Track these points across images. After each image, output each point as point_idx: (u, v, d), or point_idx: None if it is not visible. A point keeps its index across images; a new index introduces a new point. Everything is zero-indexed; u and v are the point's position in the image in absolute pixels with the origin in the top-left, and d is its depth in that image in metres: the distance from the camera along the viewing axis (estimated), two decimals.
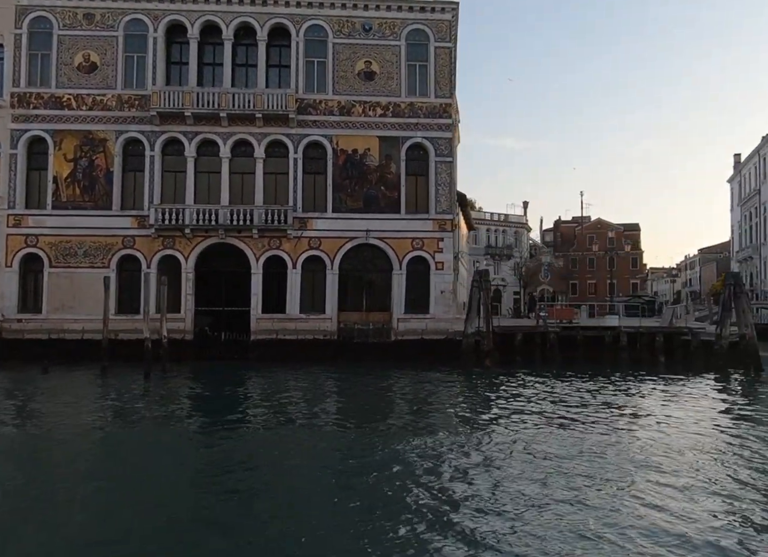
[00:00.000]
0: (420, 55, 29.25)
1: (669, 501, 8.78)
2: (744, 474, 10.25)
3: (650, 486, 9.52)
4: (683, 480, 9.83)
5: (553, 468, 10.51)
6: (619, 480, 9.79)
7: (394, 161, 28.85)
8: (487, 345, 25.50)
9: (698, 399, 18.71)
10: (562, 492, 9.16)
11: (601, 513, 8.32)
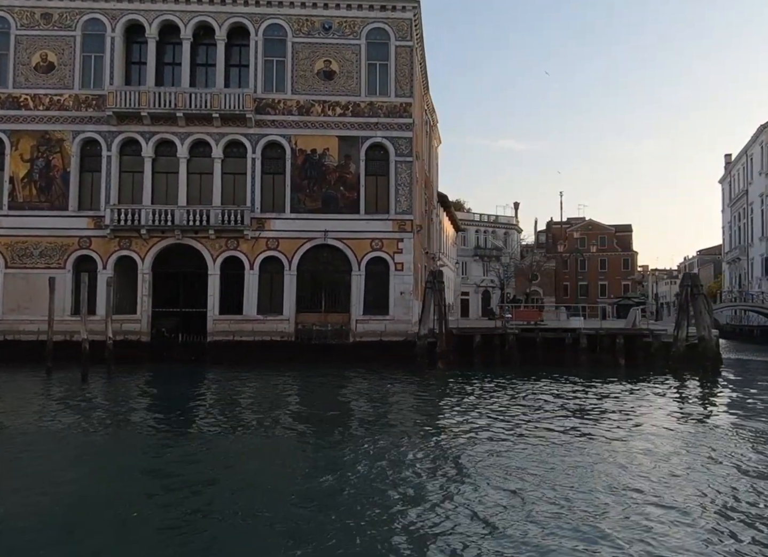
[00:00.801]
0: (380, 54, 28.98)
1: (626, 503, 8.69)
2: (700, 473, 10.29)
3: (604, 487, 9.40)
4: (642, 483, 9.61)
5: (491, 471, 10.34)
6: (570, 484, 9.55)
7: (353, 161, 28.59)
8: (440, 346, 25.19)
9: (650, 401, 18.30)
10: (505, 494, 9.04)
11: (557, 513, 8.21)
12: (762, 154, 51.54)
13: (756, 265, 53.69)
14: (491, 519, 8.11)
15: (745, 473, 10.27)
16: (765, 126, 50.76)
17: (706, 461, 11.08)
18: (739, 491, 9.30)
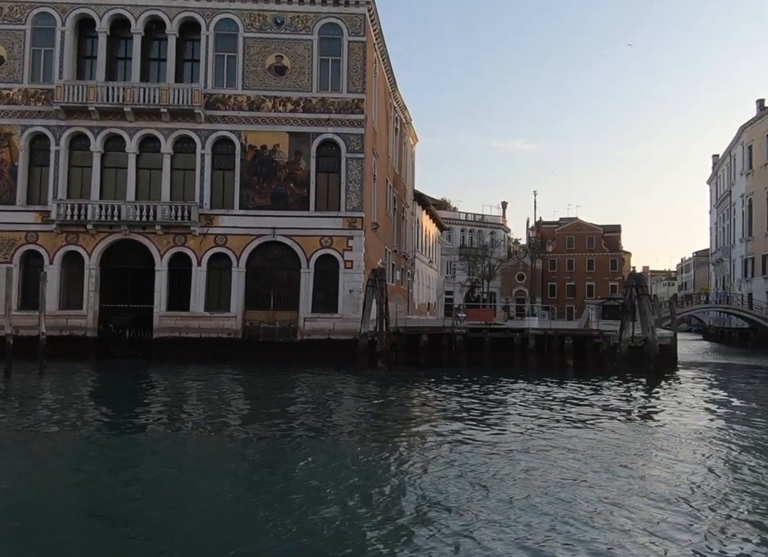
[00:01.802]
0: (333, 49, 28.68)
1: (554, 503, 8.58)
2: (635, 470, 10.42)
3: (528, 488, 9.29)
4: (572, 487, 9.37)
5: (411, 471, 10.26)
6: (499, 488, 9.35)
7: (304, 157, 28.33)
8: (380, 346, 24.89)
9: (579, 402, 17.99)
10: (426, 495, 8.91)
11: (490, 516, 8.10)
12: (743, 155, 50.93)
13: (737, 267, 53.08)
14: (417, 513, 8.13)
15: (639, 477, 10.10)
16: (746, 126, 50.14)
17: (597, 462, 10.89)
18: (633, 488, 9.33)
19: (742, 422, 15.03)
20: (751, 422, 15.02)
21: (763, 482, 9.74)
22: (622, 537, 7.34)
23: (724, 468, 10.62)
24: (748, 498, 8.90)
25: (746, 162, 50.30)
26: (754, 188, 48.77)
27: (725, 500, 8.79)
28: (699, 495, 9.01)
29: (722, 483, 9.70)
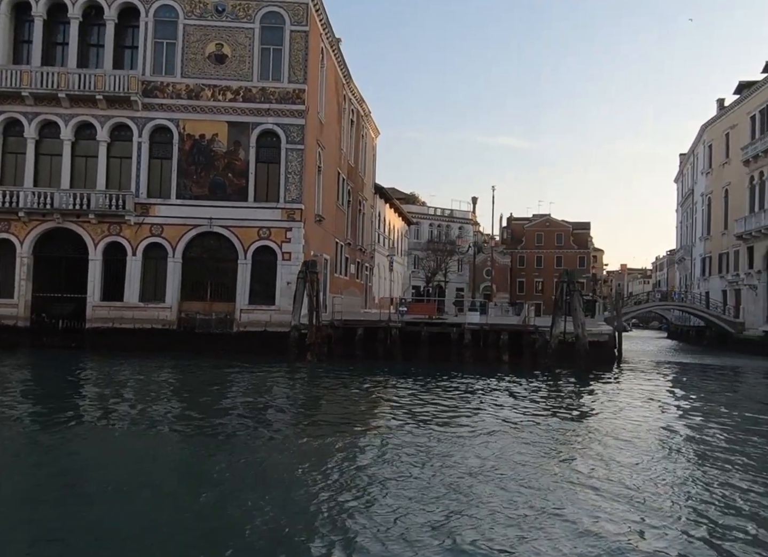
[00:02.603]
0: (274, 38, 28.32)
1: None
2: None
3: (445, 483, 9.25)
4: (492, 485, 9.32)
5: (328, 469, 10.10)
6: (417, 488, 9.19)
7: (243, 147, 27.99)
8: (310, 338, 24.66)
9: (499, 398, 17.93)
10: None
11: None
12: (704, 154, 51.09)
13: (697, 266, 53.34)
14: (338, 506, 8.18)
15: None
16: (707, 125, 50.28)
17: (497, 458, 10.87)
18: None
19: (647, 420, 14.90)
20: (657, 421, 14.85)
21: (658, 479, 9.65)
22: (514, 528, 7.46)
23: (610, 465, 10.53)
24: (639, 495, 8.85)
25: (707, 161, 50.48)
26: (713, 187, 48.95)
27: (621, 495, 8.82)
28: (577, 489, 9.03)
29: (606, 478, 9.67)
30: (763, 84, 41.10)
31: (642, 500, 8.58)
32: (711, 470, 10.37)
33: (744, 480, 9.76)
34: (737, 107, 44.97)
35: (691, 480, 9.78)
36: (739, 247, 43.80)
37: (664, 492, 9.08)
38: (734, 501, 8.72)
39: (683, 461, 11.07)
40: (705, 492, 9.14)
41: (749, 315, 41.69)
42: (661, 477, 9.88)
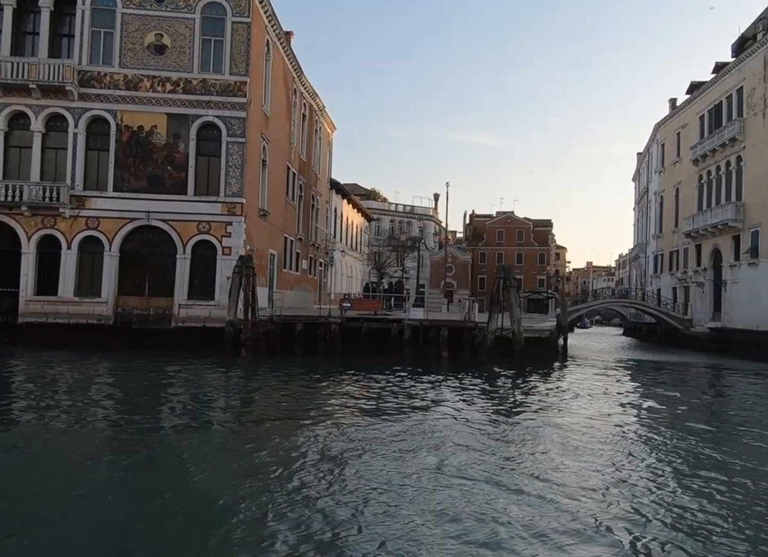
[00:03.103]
0: (216, 29, 27.90)
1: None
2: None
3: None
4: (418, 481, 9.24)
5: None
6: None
7: (183, 140, 27.55)
8: (245, 334, 24.35)
9: (439, 394, 17.88)
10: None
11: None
12: (657, 153, 51.71)
13: (650, 263, 54.01)
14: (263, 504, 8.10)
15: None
16: (660, 124, 50.87)
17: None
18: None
19: (568, 415, 14.92)
20: (580, 417, 14.78)
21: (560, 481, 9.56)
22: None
23: (514, 460, 10.55)
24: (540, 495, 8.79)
25: (660, 160, 51.10)
26: (665, 186, 49.58)
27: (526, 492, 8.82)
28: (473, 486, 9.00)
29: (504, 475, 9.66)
30: (712, 84, 41.66)
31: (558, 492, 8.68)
32: (626, 464, 10.57)
33: (666, 473, 9.92)
34: (688, 107, 45.57)
35: (603, 473, 9.88)
36: (688, 245, 44.44)
37: (584, 486, 9.14)
38: (656, 491, 8.91)
39: (599, 454, 11.13)
40: (622, 484, 9.32)
41: (697, 312, 42.32)
42: (579, 472, 9.91)
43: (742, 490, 9.09)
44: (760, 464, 10.69)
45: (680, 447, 11.83)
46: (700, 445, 12.05)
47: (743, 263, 36.66)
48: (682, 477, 9.77)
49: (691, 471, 10.12)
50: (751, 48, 36.64)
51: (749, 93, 36.85)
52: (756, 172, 35.66)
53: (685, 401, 18.26)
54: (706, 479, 9.59)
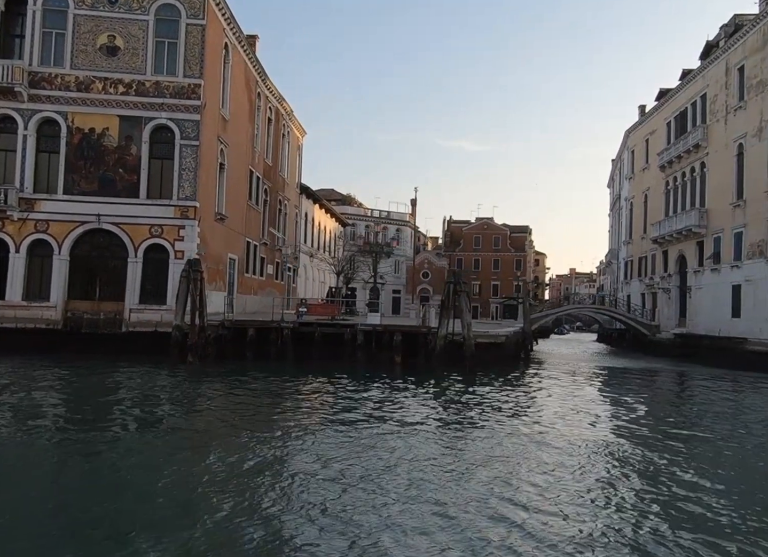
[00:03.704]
0: (170, 31, 27.62)
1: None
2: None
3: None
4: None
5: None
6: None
7: (135, 143, 27.21)
8: (192, 339, 24.01)
9: (380, 399, 17.65)
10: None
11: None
12: (627, 159, 51.85)
13: (621, 269, 54.09)
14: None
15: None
16: (630, 130, 51.03)
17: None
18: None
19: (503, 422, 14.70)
20: (508, 425, 14.54)
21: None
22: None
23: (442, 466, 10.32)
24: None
25: (630, 166, 51.25)
26: (635, 192, 49.71)
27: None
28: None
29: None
30: (678, 91, 41.84)
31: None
32: (550, 465, 10.54)
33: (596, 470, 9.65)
34: (656, 113, 45.76)
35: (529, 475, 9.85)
36: (655, 251, 44.52)
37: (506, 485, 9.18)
38: (592, 489, 8.85)
39: (531, 459, 11.03)
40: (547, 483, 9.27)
41: (664, 318, 42.36)
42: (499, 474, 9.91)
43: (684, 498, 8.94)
44: (694, 464, 10.55)
45: (612, 453, 11.68)
46: (631, 451, 11.89)
47: (706, 269, 36.73)
48: (615, 484, 9.59)
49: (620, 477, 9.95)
50: (714, 54, 36.82)
51: (712, 99, 37.02)
52: (719, 178, 35.78)
53: (629, 407, 18.07)
54: (642, 490, 9.40)
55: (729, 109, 34.89)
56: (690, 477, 10.09)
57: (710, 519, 8.10)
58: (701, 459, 11.49)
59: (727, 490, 9.38)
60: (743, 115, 33.40)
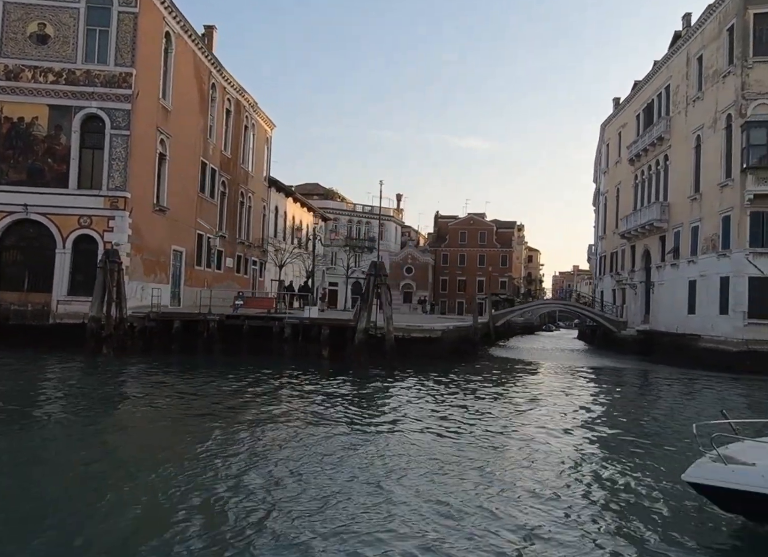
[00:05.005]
0: (101, 19, 27.25)
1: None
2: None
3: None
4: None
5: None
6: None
7: (65, 132, 26.90)
8: (106, 331, 23.66)
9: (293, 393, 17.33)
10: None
11: None
12: (604, 153, 50.93)
13: (596, 265, 53.22)
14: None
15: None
16: (605, 123, 50.10)
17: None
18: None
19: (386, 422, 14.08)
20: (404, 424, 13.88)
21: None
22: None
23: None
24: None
25: (606, 160, 50.33)
26: (609, 186, 48.82)
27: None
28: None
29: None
30: (646, 82, 40.91)
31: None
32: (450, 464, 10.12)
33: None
34: (628, 106, 44.84)
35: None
36: (625, 247, 43.66)
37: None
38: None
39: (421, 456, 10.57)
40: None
41: (631, 315, 41.57)
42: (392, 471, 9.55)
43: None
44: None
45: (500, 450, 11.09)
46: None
47: (667, 264, 35.91)
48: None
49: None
50: (677, 44, 35.90)
51: (675, 90, 36.15)
52: (680, 171, 34.91)
53: (545, 406, 17.35)
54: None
55: (689, 100, 33.99)
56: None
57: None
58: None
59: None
60: (701, 106, 32.50)
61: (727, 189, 29.32)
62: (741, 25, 28.70)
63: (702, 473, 6.77)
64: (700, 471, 6.81)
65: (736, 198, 28.33)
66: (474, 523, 7.49)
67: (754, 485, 6.42)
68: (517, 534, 7.17)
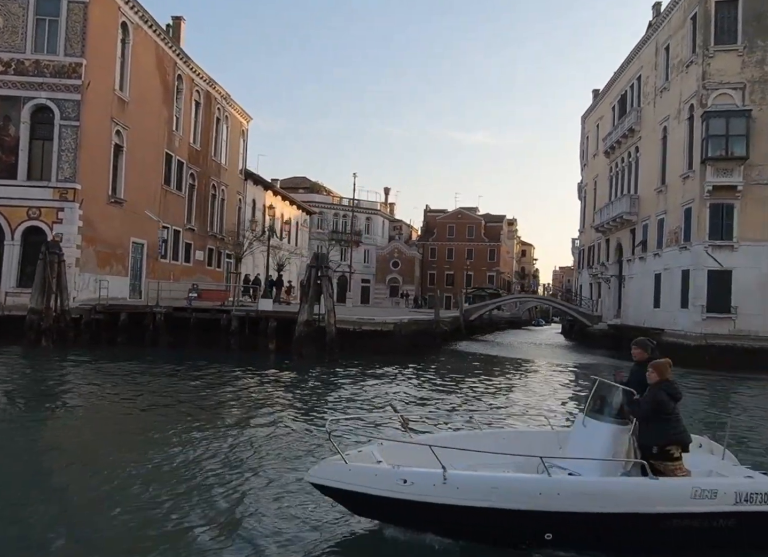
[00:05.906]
0: (51, 9, 27.02)
1: None
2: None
3: None
4: None
5: None
6: None
7: (13, 123, 26.72)
8: (45, 323, 23.50)
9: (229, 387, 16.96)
10: None
11: None
12: (585, 146, 50.36)
13: (576, 259, 52.70)
14: None
15: None
16: (585, 116, 49.52)
17: None
18: None
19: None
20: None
21: None
22: None
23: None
24: None
25: (585, 153, 49.78)
26: (587, 179, 48.28)
27: None
28: None
29: None
30: (620, 73, 40.35)
31: None
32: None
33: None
34: (605, 97, 44.26)
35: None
36: (600, 240, 43.17)
37: None
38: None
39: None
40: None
41: (605, 309, 41.13)
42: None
43: None
44: None
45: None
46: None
47: (636, 258, 35.45)
48: None
49: None
50: (647, 34, 35.35)
51: (645, 81, 35.61)
52: (649, 163, 34.42)
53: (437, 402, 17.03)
54: None
55: (657, 91, 33.46)
56: None
57: None
58: None
59: None
60: (668, 97, 31.97)
61: (688, 180, 28.85)
62: (703, 13, 28.15)
63: (323, 473, 6.08)
64: (321, 470, 6.15)
65: (696, 190, 27.85)
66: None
67: (368, 486, 5.77)
68: None
